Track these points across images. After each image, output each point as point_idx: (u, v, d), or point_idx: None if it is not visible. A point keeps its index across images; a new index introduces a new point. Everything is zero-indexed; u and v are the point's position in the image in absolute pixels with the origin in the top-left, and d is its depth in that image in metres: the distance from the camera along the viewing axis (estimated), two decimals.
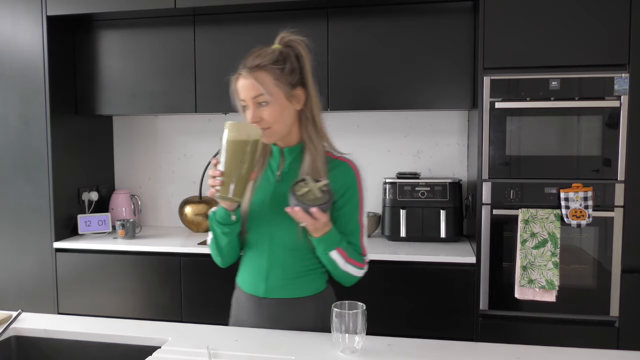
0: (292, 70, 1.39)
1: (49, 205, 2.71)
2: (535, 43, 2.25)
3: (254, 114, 1.37)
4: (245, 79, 1.37)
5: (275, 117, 1.37)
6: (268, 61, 1.38)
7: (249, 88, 1.37)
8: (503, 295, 2.31)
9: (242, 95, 1.39)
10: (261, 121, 1.37)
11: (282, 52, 1.40)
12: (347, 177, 1.44)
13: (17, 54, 2.70)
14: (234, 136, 1.30)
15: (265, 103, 1.36)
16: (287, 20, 2.62)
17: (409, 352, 1.29)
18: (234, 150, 1.30)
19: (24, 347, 1.47)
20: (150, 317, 2.25)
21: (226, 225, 1.40)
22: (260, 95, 1.36)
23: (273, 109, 1.37)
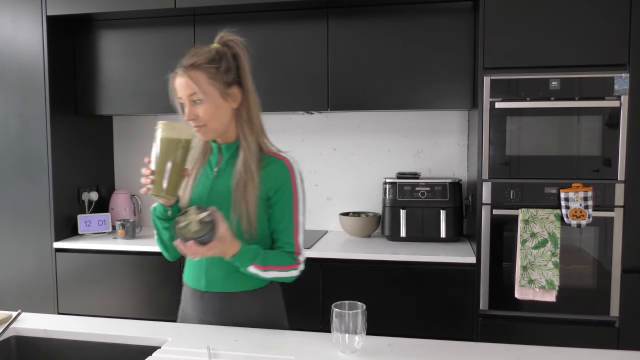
0: (227, 70, 1.43)
1: (49, 205, 2.71)
2: (535, 43, 2.25)
3: (190, 111, 1.41)
4: (181, 77, 1.41)
5: (209, 115, 1.41)
6: (203, 60, 1.41)
7: (184, 86, 1.41)
8: (503, 295, 2.31)
9: (179, 93, 1.43)
10: (196, 119, 1.41)
11: (219, 51, 1.43)
12: (280, 174, 1.45)
13: (17, 54, 2.70)
14: (165, 135, 1.35)
15: (200, 101, 1.40)
16: (287, 20, 2.62)
17: (409, 352, 1.29)
18: (166, 149, 1.35)
19: (24, 347, 1.47)
20: (150, 317, 2.24)
21: (165, 220, 1.46)
22: (195, 94, 1.40)
23: (208, 107, 1.41)
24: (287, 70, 2.64)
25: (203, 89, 1.39)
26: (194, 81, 1.39)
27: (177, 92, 1.43)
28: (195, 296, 1.51)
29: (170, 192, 1.37)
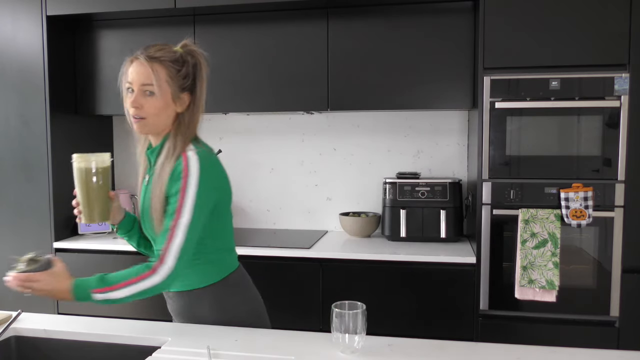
0: (186, 75, 1.45)
1: (49, 205, 2.71)
2: (535, 43, 2.25)
3: (136, 99, 1.41)
4: (141, 64, 1.41)
5: (155, 110, 1.42)
6: (168, 58, 1.43)
7: (142, 74, 1.41)
8: (503, 295, 2.31)
9: (132, 78, 1.42)
10: (140, 109, 1.41)
11: (183, 56, 1.46)
12: (176, 168, 1.40)
13: (17, 54, 2.70)
14: (80, 167, 1.42)
15: (151, 94, 1.41)
16: (287, 20, 2.62)
17: (409, 352, 1.29)
18: (85, 180, 1.42)
19: (24, 347, 1.47)
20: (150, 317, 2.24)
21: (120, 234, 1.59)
22: (150, 85, 1.40)
23: (156, 102, 1.41)
24: (287, 70, 2.64)
25: (160, 83, 1.40)
26: (154, 73, 1.40)
27: (130, 77, 1.43)
28: (167, 297, 1.59)
29: (100, 217, 1.45)
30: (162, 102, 1.42)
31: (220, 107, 2.74)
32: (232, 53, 2.69)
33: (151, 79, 1.39)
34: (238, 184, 3.10)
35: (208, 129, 3.12)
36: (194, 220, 1.37)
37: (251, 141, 3.07)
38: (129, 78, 1.43)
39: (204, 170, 1.39)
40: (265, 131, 3.06)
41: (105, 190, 1.44)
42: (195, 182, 1.38)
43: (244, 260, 2.79)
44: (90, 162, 1.42)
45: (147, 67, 1.40)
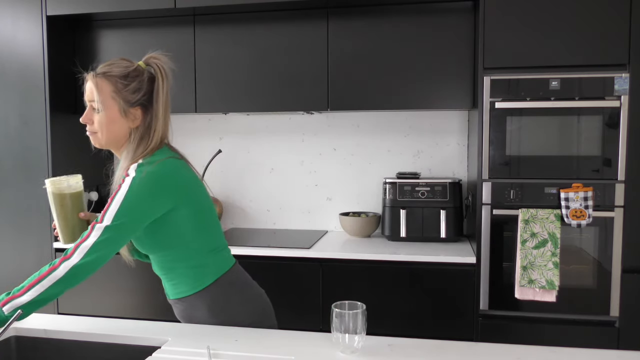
0: (136, 90, 1.44)
1: (48, 205, 2.71)
2: (535, 43, 2.25)
3: (86, 115, 1.45)
4: (89, 80, 1.45)
5: (101, 125, 1.44)
6: (116, 73, 1.43)
7: (88, 91, 1.45)
8: (503, 295, 2.31)
9: (85, 96, 1.47)
10: (90, 123, 1.46)
11: (137, 69, 1.45)
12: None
13: (17, 54, 2.70)
14: (53, 191, 1.48)
15: (96, 110, 1.43)
16: (287, 20, 2.62)
17: (409, 352, 1.29)
18: (58, 204, 1.48)
19: (24, 347, 1.47)
20: (150, 317, 2.25)
21: None
22: (93, 102, 1.43)
23: (102, 118, 1.43)
24: (287, 70, 2.64)
25: (103, 99, 1.42)
26: (98, 89, 1.42)
27: (85, 94, 1.47)
28: (170, 304, 1.62)
29: (76, 237, 1.49)
30: (108, 117, 1.43)
31: (220, 107, 2.74)
32: (232, 53, 2.69)
33: (94, 96, 1.42)
34: (238, 184, 3.10)
35: (208, 129, 3.12)
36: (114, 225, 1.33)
37: (251, 141, 3.07)
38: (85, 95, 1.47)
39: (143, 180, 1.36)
40: (265, 131, 3.06)
41: (76, 213, 1.50)
42: (125, 190, 1.36)
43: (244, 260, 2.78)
44: (62, 185, 1.48)
45: (92, 83, 1.43)
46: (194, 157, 3.18)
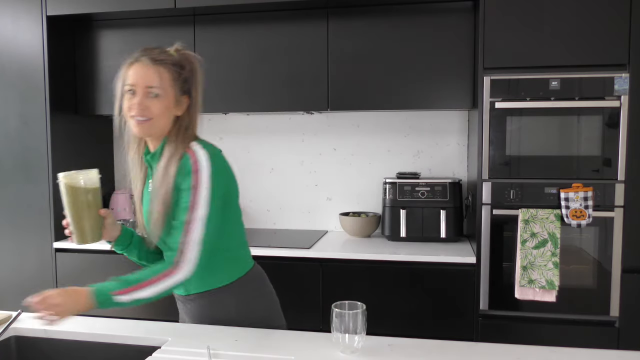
0: (185, 79, 1.47)
1: (49, 205, 2.71)
2: (535, 43, 2.24)
3: (142, 101, 1.41)
4: (146, 66, 1.42)
5: (160, 111, 1.42)
6: (171, 61, 1.45)
7: (147, 76, 1.41)
8: (503, 295, 2.31)
9: (135, 80, 1.42)
10: (146, 110, 1.40)
11: (182, 60, 1.48)
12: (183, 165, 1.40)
13: (17, 54, 2.70)
14: (69, 187, 1.36)
15: (156, 95, 1.41)
16: (287, 20, 2.62)
17: (409, 352, 1.29)
18: (74, 200, 1.37)
19: (24, 347, 1.47)
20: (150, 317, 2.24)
21: (118, 251, 1.55)
22: (155, 88, 1.41)
23: (161, 104, 1.42)
24: (287, 70, 2.64)
25: (164, 85, 1.42)
26: (160, 75, 1.41)
27: (132, 78, 1.43)
28: (181, 301, 1.59)
29: (92, 238, 1.41)
30: (166, 103, 1.42)
31: (220, 107, 2.74)
32: (232, 53, 2.69)
33: (157, 82, 1.41)
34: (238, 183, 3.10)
35: (208, 129, 3.12)
36: (210, 212, 1.38)
37: (251, 141, 3.07)
38: (130, 80, 1.43)
39: (213, 163, 1.41)
40: (265, 131, 3.06)
41: (95, 210, 1.40)
42: (207, 174, 1.38)
43: None
44: (78, 180, 1.38)
45: (152, 69, 1.41)
46: None
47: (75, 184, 1.37)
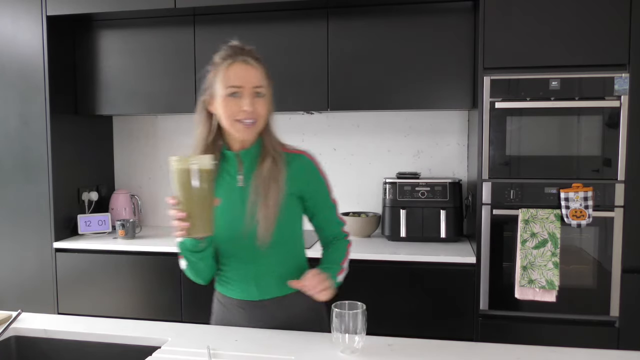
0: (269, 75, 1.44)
1: (49, 205, 2.71)
2: (535, 43, 2.25)
3: (251, 102, 1.35)
4: (251, 66, 1.37)
5: (264, 111, 1.39)
6: (262, 59, 1.42)
7: (254, 76, 1.36)
8: (503, 295, 2.31)
9: (241, 81, 1.36)
10: (255, 112, 1.36)
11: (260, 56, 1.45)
12: (307, 169, 1.47)
13: (17, 54, 2.70)
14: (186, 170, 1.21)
15: (261, 95, 1.37)
16: (287, 20, 2.62)
17: (409, 352, 1.29)
18: (192, 187, 1.22)
19: (24, 347, 1.47)
20: (150, 317, 2.25)
21: (199, 252, 1.40)
22: (261, 87, 1.37)
23: (265, 103, 1.39)
24: (287, 70, 2.64)
25: (266, 84, 1.39)
26: (264, 74, 1.38)
27: (237, 79, 1.35)
28: (246, 306, 1.48)
29: (208, 229, 1.27)
30: (267, 102, 1.40)
31: None
32: None
33: (262, 81, 1.38)
34: None
35: None
36: None
37: None
38: (234, 82, 1.35)
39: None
40: None
41: (212, 196, 1.26)
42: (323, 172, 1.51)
43: None
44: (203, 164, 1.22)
45: (258, 68, 1.38)
46: None
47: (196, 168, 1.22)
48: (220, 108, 1.38)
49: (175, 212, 1.24)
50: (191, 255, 1.41)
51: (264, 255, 1.43)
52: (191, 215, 1.23)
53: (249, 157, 1.44)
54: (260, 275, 1.45)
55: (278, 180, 1.39)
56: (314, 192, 1.49)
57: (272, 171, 1.40)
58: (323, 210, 1.52)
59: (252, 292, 1.46)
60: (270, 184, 1.39)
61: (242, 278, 1.47)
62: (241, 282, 1.47)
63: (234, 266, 1.48)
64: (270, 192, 1.39)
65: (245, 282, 1.47)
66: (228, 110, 1.36)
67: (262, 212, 1.38)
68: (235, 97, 1.36)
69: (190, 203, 1.23)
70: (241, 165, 1.44)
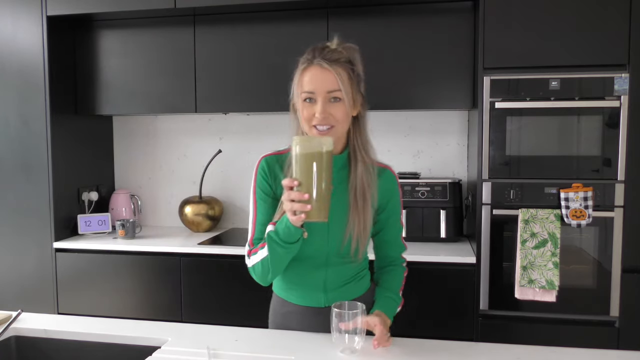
0: (358, 75, 1.36)
1: (49, 205, 2.71)
2: (535, 43, 2.24)
3: (325, 108, 1.30)
4: (324, 70, 1.31)
5: (342, 116, 1.32)
6: (344, 59, 1.33)
7: (327, 80, 1.30)
8: (503, 295, 2.31)
9: (314, 86, 1.31)
10: (329, 118, 1.30)
11: (350, 55, 1.36)
12: (391, 184, 1.47)
13: (17, 54, 2.70)
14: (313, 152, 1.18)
15: (337, 100, 1.31)
16: (287, 20, 2.62)
17: (409, 352, 1.29)
18: (319, 168, 1.18)
19: (24, 347, 1.47)
20: (150, 317, 2.25)
21: (295, 243, 1.29)
22: (337, 91, 1.30)
23: (343, 108, 1.31)
24: (287, 71, 2.63)
25: (345, 87, 1.30)
26: (339, 77, 1.30)
27: (310, 84, 1.32)
28: (311, 313, 1.44)
29: (326, 214, 1.22)
30: (347, 106, 1.32)
31: (220, 107, 2.74)
32: (232, 53, 2.69)
33: (338, 85, 1.29)
34: (238, 184, 3.10)
35: (208, 129, 3.12)
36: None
37: (251, 141, 3.07)
38: (309, 87, 1.32)
39: None
40: (265, 131, 3.05)
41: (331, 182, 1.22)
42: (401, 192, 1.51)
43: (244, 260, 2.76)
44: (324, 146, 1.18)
45: (330, 71, 1.30)
46: (194, 157, 3.20)
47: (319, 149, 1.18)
48: (299, 111, 1.37)
49: (297, 195, 1.18)
50: (286, 246, 1.29)
51: (335, 261, 1.41)
52: (320, 198, 1.19)
53: (339, 163, 1.40)
54: (328, 281, 1.42)
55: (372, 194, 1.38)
56: (390, 209, 1.46)
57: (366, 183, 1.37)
58: (391, 230, 1.49)
59: (320, 298, 1.43)
60: (366, 196, 1.37)
61: (310, 283, 1.43)
62: (308, 288, 1.44)
63: (303, 269, 1.42)
64: (365, 206, 1.37)
65: (313, 287, 1.43)
66: (304, 115, 1.34)
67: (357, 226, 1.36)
68: (310, 103, 1.33)
69: (313, 185, 1.18)
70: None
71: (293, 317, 1.46)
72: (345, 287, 1.44)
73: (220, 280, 2.53)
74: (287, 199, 1.20)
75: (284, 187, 1.22)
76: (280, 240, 1.29)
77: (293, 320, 1.46)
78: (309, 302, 1.44)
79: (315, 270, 1.42)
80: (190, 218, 2.91)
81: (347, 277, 1.44)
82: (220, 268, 2.53)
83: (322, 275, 1.42)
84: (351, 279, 1.46)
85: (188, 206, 2.92)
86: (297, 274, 1.44)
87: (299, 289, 1.45)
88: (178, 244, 2.65)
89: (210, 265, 2.54)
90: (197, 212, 2.90)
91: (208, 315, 2.51)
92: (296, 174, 1.20)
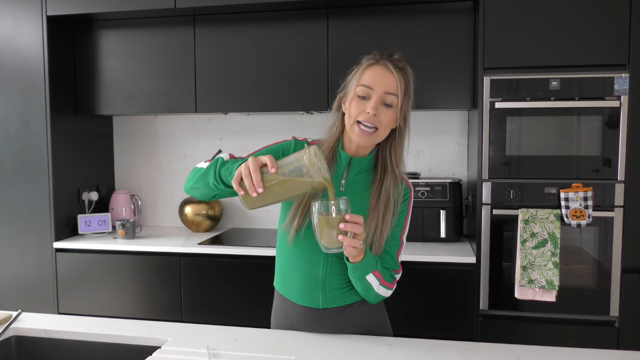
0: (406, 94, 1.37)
1: (49, 205, 2.71)
2: (535, 43, 2.25)
3: (376, 106, 1.30)
4: (389, 72, 1.32)
5: (388, 122, 1.34)
6: (408, 71, 1.36)
7: (388, 81, 1.32)
8: (503, 295, 2.31)
9: (374, 82, 1.32)
10: (376, 118, 1.31)
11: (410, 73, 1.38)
12: (405, 196, 1.45)
13: (17, 54, 2.70)
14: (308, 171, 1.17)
15: (389, 106, 1.33)
16: (287, 20, 2.62)
17: (409, 352, 1.29)
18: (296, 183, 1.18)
19: (24, 347, 1.47)
20: (150, 317, 2.25)
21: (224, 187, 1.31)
22: (393, 95, 1.32)
23: (392, 115, 1.34)
24: (287, 70, 2.64)
25: (400, 95, 1.33)
26: (399, 84, 1.32)
27: (372, 80, 1.32)
28: (311, 314, 1.44)
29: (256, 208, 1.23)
30: (395, 114, 1.34)
31: (220, 107, 2.74)
32: (232, 53, 2.69)
33: (395, 88, 1.31)
34: None
35: (208, 129, 3.12)
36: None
37: (251, 141, 3.07)
38: (367, 81, 1.33)
39: None
40: (265, 131, 3.06)
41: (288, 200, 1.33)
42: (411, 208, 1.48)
43: (244, 260, 2.78)
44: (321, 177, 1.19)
45: (395, 75, 1.31)
46: (194, 157, 3.20)
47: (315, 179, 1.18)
48: (348, 106, 1.36)
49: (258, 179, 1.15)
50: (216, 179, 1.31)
51: (337, 261, 1.40)
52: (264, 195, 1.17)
53: (360, 166, 1.41)
54: (327, 281, 1.42)
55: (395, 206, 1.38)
56: (397, 221, 1.43)
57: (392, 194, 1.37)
58: (391, 240, 1.43)
59: (318, 299, 1.42)
60: (389, 205, 1.37)
61: (309, 282, 1.43)
62: (307, 287, 1.43)
63: (302, 267, 1.43)
64: (386, 214, 1.37)
65: (312, 287, 1.42)
66: (353, 109, 1.34)
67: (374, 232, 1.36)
68: (363, 100, 1.33)
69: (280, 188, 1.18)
70: (348, 170, 1.42)
71: (293, 317, 1.46)
72: (345, 289, 1.43)
73: (220, 280, 2.53)
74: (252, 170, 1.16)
75: (261, 159, 1.18)
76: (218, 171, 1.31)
77: (293, 320, 1.47)
78: (308, 302, 1.44)
79: (314, 267, 1.42)
80: (190, 218, 2.91)
81: (347, 279, 1.43)
82: (221, 268, 2.53)
83: (321, 273, 1.42)
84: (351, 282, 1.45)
85: (188, 206, 2.92)
86: (296, 270, 1.44)
87: (298, 286, 1.45)
88: (178, 244, 2.65)
89: (210, 265, 2.54)
90: (197, 212, 2.90)
91: (208, 315, 2.51)
92: (283, 167, 1.19)
